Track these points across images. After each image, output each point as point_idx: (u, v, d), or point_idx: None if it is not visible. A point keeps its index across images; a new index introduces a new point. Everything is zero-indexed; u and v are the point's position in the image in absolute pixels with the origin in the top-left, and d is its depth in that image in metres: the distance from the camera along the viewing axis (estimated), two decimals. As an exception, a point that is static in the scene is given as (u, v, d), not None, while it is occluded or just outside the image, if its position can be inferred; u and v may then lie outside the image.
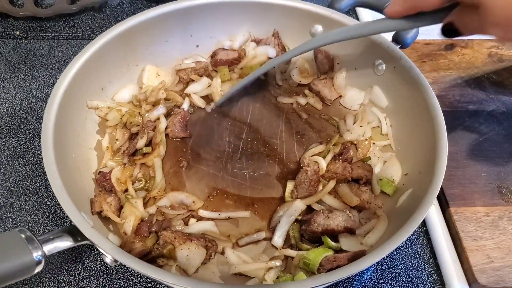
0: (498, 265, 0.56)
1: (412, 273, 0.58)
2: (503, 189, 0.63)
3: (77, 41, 0.83)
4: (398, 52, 0.63)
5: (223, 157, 0.64)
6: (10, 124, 0.71)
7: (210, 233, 0.57)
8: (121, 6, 0.90)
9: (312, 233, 0.55)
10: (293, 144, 0.66)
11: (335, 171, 0.60)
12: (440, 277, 0.58)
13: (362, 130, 0.66)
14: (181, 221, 0.58)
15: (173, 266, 0.52)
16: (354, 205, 0.58)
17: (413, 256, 0.60)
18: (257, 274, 0.53)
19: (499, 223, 0.59)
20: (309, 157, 0.63)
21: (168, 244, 0.53)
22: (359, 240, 0.54)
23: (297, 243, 0.56)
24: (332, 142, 0.65)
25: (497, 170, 0.64)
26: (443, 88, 0.74)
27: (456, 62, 0.78)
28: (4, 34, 0.83)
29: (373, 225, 0.55)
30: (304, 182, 0.59)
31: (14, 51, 0.81)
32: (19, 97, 0.74)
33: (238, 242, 0.56)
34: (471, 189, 0.63)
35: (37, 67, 0.78)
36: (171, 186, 0.61)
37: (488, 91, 0.74)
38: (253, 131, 0.68)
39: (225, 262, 0.54)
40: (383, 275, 0.58)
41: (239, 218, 0.58)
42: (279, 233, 0.56)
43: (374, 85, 0.68)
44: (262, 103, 0.71)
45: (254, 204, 0.60)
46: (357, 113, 0.68)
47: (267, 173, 0.63)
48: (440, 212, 0.62)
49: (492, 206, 0.61)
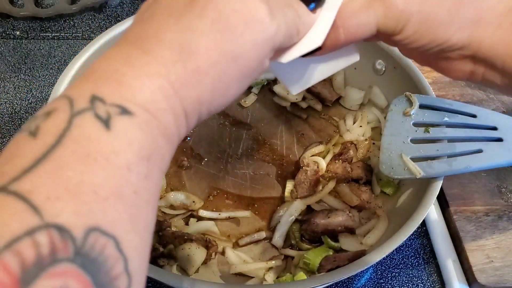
0: (498, 265, 0.56)
1: (412, 273, 0.58)
2: (503, 188, 0.63)
3: (77, 41, 0.83)
4: (398, 52, 0.63)
5: (223, 157, 0.64)
6: (10, 124, 0.71)
7: (210, 233, 0.57)
8: (121, 6, 0.90)
9: (312, 232, 0.55)
10: (293, 144, 0.66)
11: (335, 171, 0.60)
12: (440, 277, 0.58)
13: (362, 130, 0.66)
14: (181, 221, 0.58)
15: (173, 266, 0.52)
16: (354, 205, 0.58)
17: (413, 256, 0.60)
18: (257, 274, 0.53)
19: (499, 223, 0.59)
20: (309, 157, 0.63)
21: (168, 244, 0.53)
22: (359, 240, 0.54)
23: (297, 243, 0.56)
24: (332, 142, 0.65)
25: (497, 170, 0.64)
26: (443, 88, 0.74)
27: (456, 62, 0.78)
28: (4, 34, 0.83)
29: (373, 225, 0.55)
30: (304, 182, 0.59)
31: (14, 51, 0.81)
32: (19, 97, 0.74)
33: (238, 242, 0.56)
34: (471, 189, 0.63)
35: (37, 67, 0.78)
36: (171, 186, 0.61)
37: (488, 91, 0.74)
38: (253, 131, 0.68)
39: (225, 262, 0.54)
40: (383, 275, 0.58)
41: (240, 218, 0.58)
42: (279, 233, 0.56)
43: (373, 85, 0.68)
44: (262, 103, 0.71)
45: (254, 204, 0.60)
46: (357, 113, 0.68)
47: (267, 173, 0.63)
48: (440, 212, 0.62)
49: (492, 205, 0.61)
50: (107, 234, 0.20)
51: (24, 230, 0.18)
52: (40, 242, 0.18)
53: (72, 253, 0.19)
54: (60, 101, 0.23)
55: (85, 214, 0.20)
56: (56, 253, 0.18)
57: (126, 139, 0.22)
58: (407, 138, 0.52)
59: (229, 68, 0.26)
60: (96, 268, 0.19)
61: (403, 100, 0.55)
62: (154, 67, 0.24)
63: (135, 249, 0.22)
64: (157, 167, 0.24)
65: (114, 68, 0.24)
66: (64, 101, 0.23)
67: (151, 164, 0.23)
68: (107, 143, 0.21)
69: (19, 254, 0.18)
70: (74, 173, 0.20)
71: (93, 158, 0.21)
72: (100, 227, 0.20)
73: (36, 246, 0.18)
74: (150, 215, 0.23)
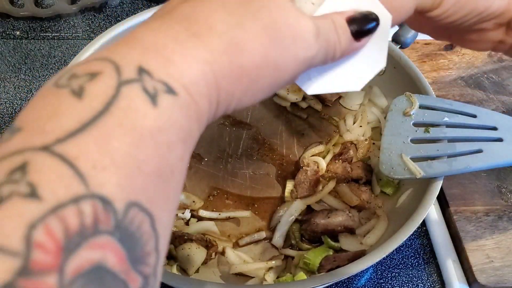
0: (498, 265, 0.56)
1: (412, 273, 0.58)
2: (503, 189, 0.63)
3: (77, 41, 0.83)
4: (398, 52, 0.63)
5: (223, 157, 0.64)
6: (10, 124, 0.71)
7: (211, 233, 0.57)
8: (121, 6, 0.90)
9: (312, 232, 0.55)
10: (293, 144, 0.66)
11: (335, 171, 0.60)
12: (440, 277, 0.58)
13: (362, 130, 0.66)
14: (181, 221, 0.58)
15: (173, 266, 0.52)
16: (354, 205, 0.58)
17: (413, 256, 0.60)
18: (257, 274, 0.53)
19: (499, 223, 0.59)
20: (309, 157, 0.63)
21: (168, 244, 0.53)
22: (359, 240, 0.54)
23: (297, 243, 0.56)
24: (332, 142, 0.65)
25: (497, 170, 0.64)
26: (443, 88, 0.74)
27: (456, 62, 0.78)
28: (4, 34, 0.83)
29: (373, 225, 0.55)
30: (304, 182, 0.59)
31: (15, 51, 0.81)
32: (19, 97, 0.74)
33: (238, 242, 0.56)
34: (471, 189, 0.63)
35: (37, 67, 0.79)
36: (171, 186, 0.61)
37: (488, 91, 0.74)
38: (253, 131, 0.68)
39: (226, 262, 0.54)
40: (383, 275, 0.58)
41: (240, 218, 0.58)
42: (279, 233, 0.56)
43: (373, 85, 0.68)
44: (262, 103, 0.71)
45: (254, 204, 0.60)
46: (357, 113, 0.68)
47: (267, 173, 0.63)
48: (440, 212, 0.62)
49: (492, 206, 0.61)
50: (145, 211, 0.20)
51: (69, 197, 0.18)
52: (84, 211, 0.18)
53: (112, 226, 0.18)
54: (105, 64, 0.22)
55: (128, 188, 0.19)
56: (98, 224, 0.18)
57: (169, 118, 0.22)
58: (407, 138, 0.52)
59: (268, 74, 0.27)
60: (132, 244, 0.19)
61: (403, 100, 0.55)
62: (201, 52, 0.24)
63: (165, 228, 0.22)
64: (189, 150, 0.24)
65: (163, 43, 0.24)
66: (109, 66, 0.22)
67: (186, 147, 0.23)
68: (153, 119, 0.21)
69: (64, 220, 0.17)
70: (120, 145, 0.20)
71: (139, 133, 0.20)
72: (140, 203, 0.20)
73: (81, 215, 0.18)
74: (178, 196, 0.24)
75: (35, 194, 0.17)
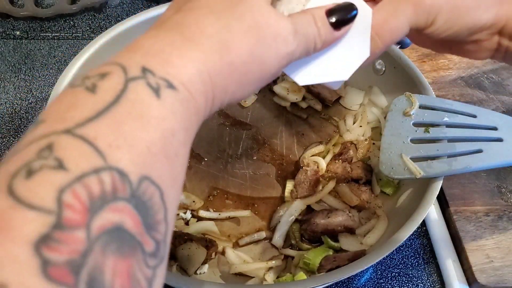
0: (498, 265, 0.56)
1: (412, 273, 0.58)
2: (503, 189, 0.63)
3: (77, 41, 0.83)
4: (397, 52, 0.63)
5: (223, 157, 0.64)
6: (11, 124, 0.71)
7: (211, 233, 0.57)
8: (121, 6, 0.90)
9: (312, 232, 0.55)
10: (293, 144, 0.66)
11: (335, 171, 0.60)
12: (440, 277, 0.58)
13: (362, 130, 0.66)
14: (181, 221, 0.58)
15: (173, 266, 0.52)
16: (354, 205, 0.58)
17: (413, 256, 0.60)
18: (257, 274, 0.53)
19: (499, 223, 0.59)
20: (309, 157, 0.63)
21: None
22: (359, 240, 0.54)
23: (297, 243, 0.56)
24: (332, 142, 0.65)
25: (497, 170, 0.64)
26: (443, 88, 0.74)
27: (456, 62, 0.78)
28: (4, 34, 0.83)
29: (373, 225, 0.55)
30: (304, 182, 0.59)
31: (15, 51, 0.81)
32: (19, 97, 0.74)
33: (238, 242, 0.56)
34: (471, 189, 0.63)
35: (37, 67, 0.78)
36: (171, 186, 0.61)
37: (488, 91, 0.74)
38: (253, 131, 0.68)
39: (226, 262, 0.54)
40: (383, 275, 0.58)
41: (240, 218, 0.58)
42: (279, 233, 0.56)
43: (373, 85, 0.68)
44: (262, 103, 0.71)
45: (254, 204, 0.60)
46: (357, 113, 0.68)
47: (267, 173, 0.63)
48: (440, 212, 0.62)
49: (492, 206, 0.61)
50: (155, 184, 0.23)
51: (91, 168, 0.21)
52: (104, 180, 0.21)
53: (128, 194, 0.21)
54: (112, 66, 0.26)
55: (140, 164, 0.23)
56: (117, 192, 0.21)
57: (172, 109, 0.25)
58: (407, 138, 0.52)
59: (255, 69, 0.31)
60: (145, 211, 0.22)
61: (403, 100, 0.55)
62: (195, 53, 0.28)
63: (173, 202, 0.25)
64: (189, 139, 0.28)
65: (160, 47, 0.27)
66: (116, 67, 0.25)
67: (187, 135, 0.27)
68: (157, 109, 0.25)
69: (88, 187, 0.20)
70: (130, 128, 0.23)
71: (146, 119, 0.24)
72: (150, 177, 0.23)
73: (102, 183, 0.21)
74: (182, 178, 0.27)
75: (62, 166, 0.21)
